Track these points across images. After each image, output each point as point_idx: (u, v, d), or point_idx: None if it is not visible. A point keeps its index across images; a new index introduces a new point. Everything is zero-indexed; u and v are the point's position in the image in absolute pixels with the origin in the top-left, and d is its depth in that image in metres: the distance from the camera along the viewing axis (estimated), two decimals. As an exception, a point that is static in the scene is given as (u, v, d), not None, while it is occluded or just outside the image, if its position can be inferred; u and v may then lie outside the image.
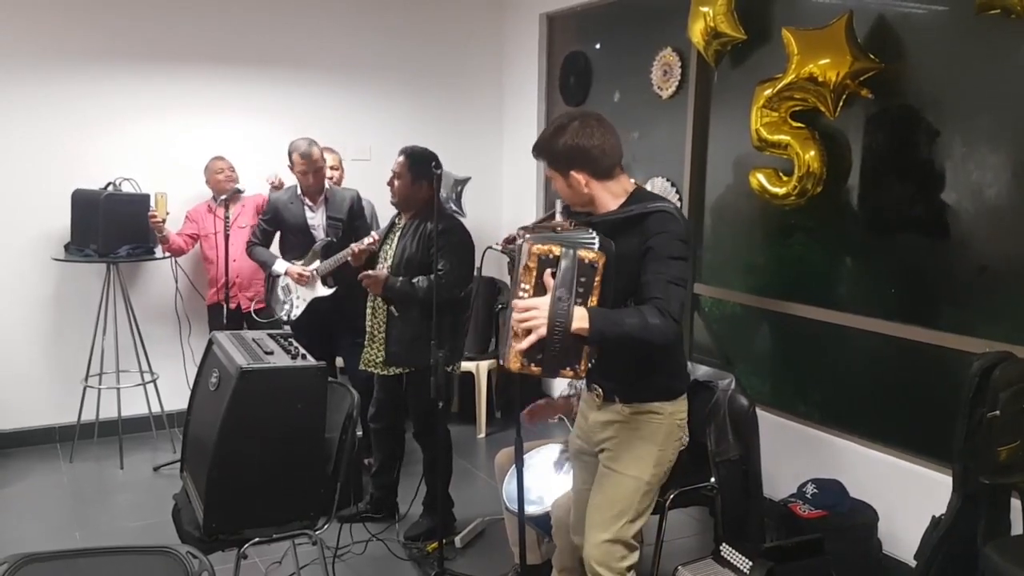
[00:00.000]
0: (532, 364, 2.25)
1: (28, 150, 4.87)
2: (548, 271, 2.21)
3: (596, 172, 2.42)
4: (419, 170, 3.74)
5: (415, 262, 3.72)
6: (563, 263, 2.20)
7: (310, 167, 4.33)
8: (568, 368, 2.26)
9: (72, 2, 4.88)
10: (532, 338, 2.17)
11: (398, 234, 3.87)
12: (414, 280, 3.68)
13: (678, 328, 2.28)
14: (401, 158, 3.79)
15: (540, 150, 2.49)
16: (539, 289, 2.22)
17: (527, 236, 2.30)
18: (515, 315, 2.21)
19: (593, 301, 2.23)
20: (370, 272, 3.78)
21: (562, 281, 2.18)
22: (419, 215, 3.80)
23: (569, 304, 2.17)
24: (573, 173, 2.41)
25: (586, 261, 2.21)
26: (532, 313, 2.18)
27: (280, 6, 5.38)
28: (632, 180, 2.52)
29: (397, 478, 4.16)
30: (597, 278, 2.22)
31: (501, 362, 2.38)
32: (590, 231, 2.29)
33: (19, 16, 4.77)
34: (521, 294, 2.23)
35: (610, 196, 2.45)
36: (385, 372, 3.84)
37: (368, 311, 3.91)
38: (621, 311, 2.26)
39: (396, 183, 3.81)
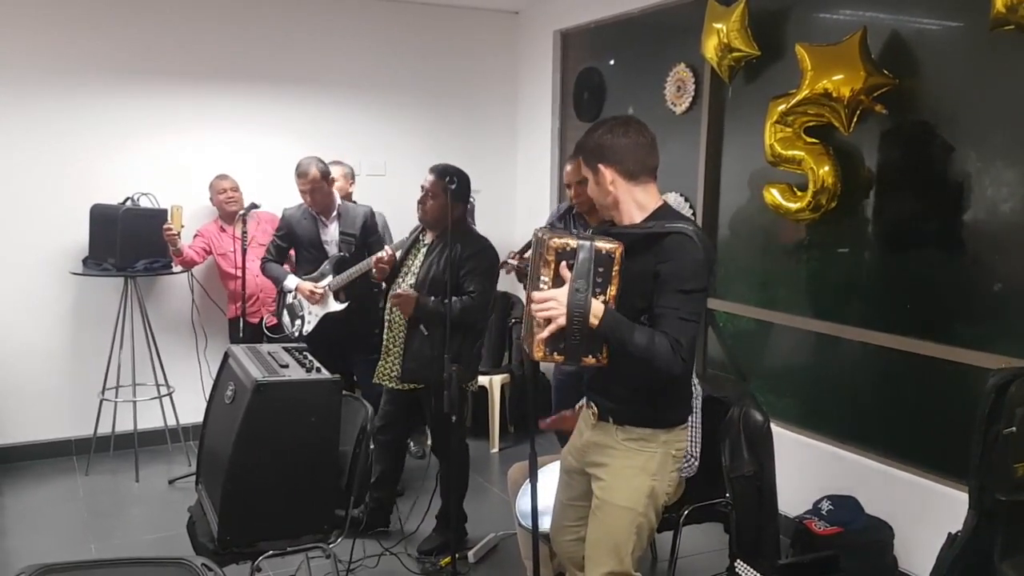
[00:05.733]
0: (555, 352, 2.29)
1: (47, 165, 4.92)
2: (564, 263, 2.25)
3: (624, 171, 2.41)
4: (454, 192, 3.59)
5: (440, 282, 3.62)
6: (580, 255, 2.23)
7: (306, 186, 4.36)
8: (591, 356, 2.30)
9: (92, 20, 4.95)
10: (552, 327, 2.22)
11: (423, 251, 3.81)
12: (446, 301, 3.55)
13: (685, 367, 2.28)
14: (432, 177, 3.68)
15: (578, 147, 2.54)
16: (558, 281, 2.25)
17: (544, 233, 2.33)
18: (533, 306, 2.26)
19: (612, 291, 2.25)
20: (400, 292, 3.67)
21: (579, 272, 2.22)
22: (446, 233, 3.66)
23: (587, 294, 2.21)
24: (602, 167, 2.42)
25: (603, 252, 2.24)
26: (550, 304, 2.22)
27: (296, 24, 5.44)
28: (662, 198, 2.49)
29: (394, 493, 4.15)
30: (615, 268, 2.25)
31: (526, 350, 2.45)
32: (608, 238, 2.30)
33: (39, 34, 4.84)
34: (542, 286, 2.27)
35: (634, 205, 2.43)
36: (400, 387, 3.82)
37: (385, 324, 3.87)
38: (634, 325, 2.26)
39: (429, 203, 3.70)
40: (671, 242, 2.31)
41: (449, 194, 3.54)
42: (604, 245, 2.24)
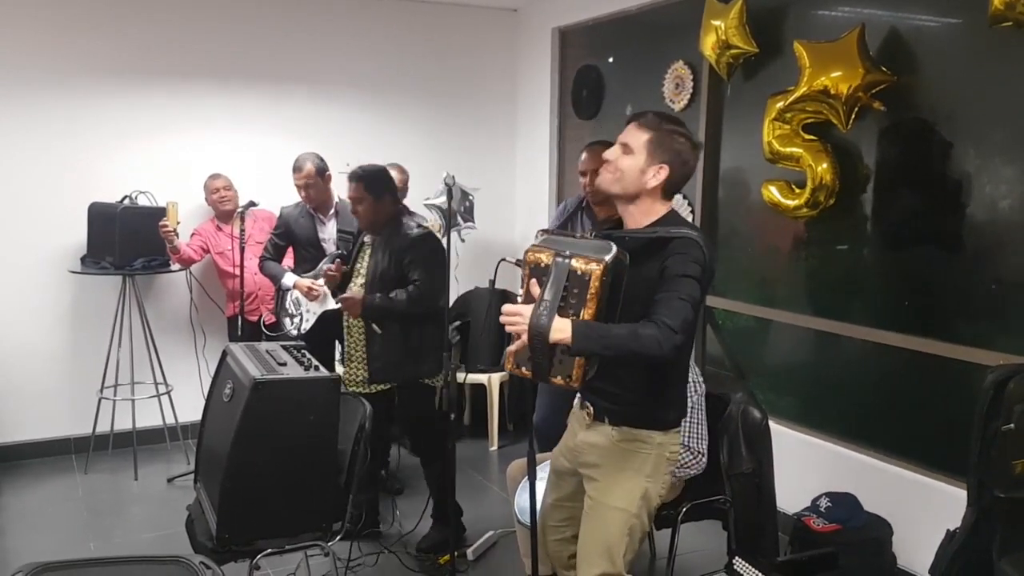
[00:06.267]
0: (522, 367, 2.27)
1: (46, 164, 4.92)
2: (535, 280, 2.22)
3: (669, 184, 2.40)
4: (377, 189, 3.72)
5: (389, 277, 3.68)
6: (552, 272, 2.19)
7: (301, 180, 4.37)
8: (559, 377, 2.24)
9: (91, 20, 4.94)
10: (518, 343, 2.20)
11: (368, 251, 3.84)
12: (391, 295, 3.65)
13: (678, 338, 2.18)
14: (354, 183, 3.72)
15: (654, 124, 2.40)
16: (530, 297, 2.23)
17: (533, 242, 2.30)
18: (500, 318, 2.23)
19: (587, 313, 2.18)
20: (346, 295, 3.74)
21: (548, 290, 2.17)
22: (384, 230, 3.78)
23: (549, 313, 2.14)
24: (663, 167, 2.36)
25: (578, 272, 2.18)
26: (515, 319, 2.19)
27: (295, 24, 5.43)
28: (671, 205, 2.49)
29: (378, 495, 4.14)
30: (591, 290, 2.17)
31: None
32: (609, 243, 2.23)
33: (37, 33, 4.83)
34: (518, 299, 2.27)
35: (650, 209, 2.41)
36: (368, 390, 3.78)
37: (344, 330, 3.88)
38: (611, 324, 2.21)
39: (359, 209, 3.74)
40: (676, 244, 2.31)
41: (372, 195, 3.67)
42: (580, 265, 2.17)
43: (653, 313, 2.21)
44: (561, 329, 2.14)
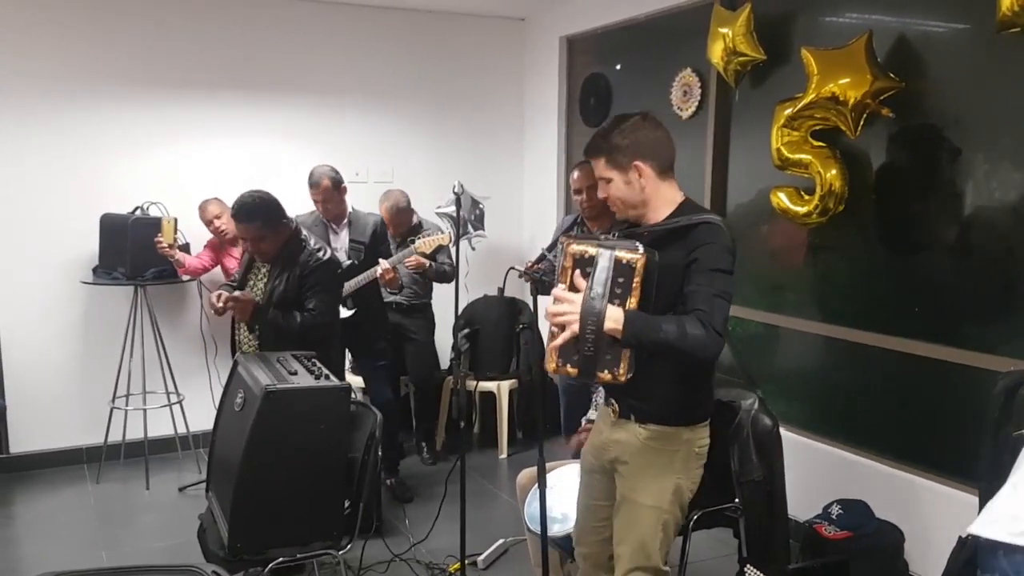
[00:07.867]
0: (568, 364, 2.19)
1: (57, 175, 4.95)
2: (579, 271, 2.17)
3: (657, 166, 2.36)
4: (274, 222, 3.51)
5: (289, 300, 3.52)
6: (599, 262, 2.15)
7: (319, 196, 4.37)
8: (606, 371, 2.19)
9: (102, 30, 4.98)
10: (566, 334, 2.12)
11: (264, 269, 3.65)
12: (292, 314, 3.49)
13: (722, 342, 2.18)
14: (249, 224, 3.47)
15: (599, 147, 2.39)
16: (574, 290, 2.18)
17: (567, 239, 2.25)
18: (548, 308, 2.17)
19: (632, 303, 2.16)
20: (238, 294, 3.55)
21: (597, 280, 2.13)
22: (280, 257, 3.58)
23: (603, 301, 2.11)
24: (638, 163, 2.34)
25: (623, 261, 2.15)
26: (564, 307, 2.13)
27: (304, 33, 5.46)
28: (682, 192, 2.45)
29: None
30: (636, 279, 2.16)
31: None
32: (634, 242, 2.23)
33: (49, 44, 4.87)
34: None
35: (662, 201, 2.39)
36: None
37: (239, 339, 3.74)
38: (660, 317, 2.18)
39: (263, 247, 3.53)
40: (701, 230, 2.28)
41: (269, 228, 3.47)
42: (625, 255, 2.16)
43: (696, 308, 2.18)
44: (615, 318, 2.10)
